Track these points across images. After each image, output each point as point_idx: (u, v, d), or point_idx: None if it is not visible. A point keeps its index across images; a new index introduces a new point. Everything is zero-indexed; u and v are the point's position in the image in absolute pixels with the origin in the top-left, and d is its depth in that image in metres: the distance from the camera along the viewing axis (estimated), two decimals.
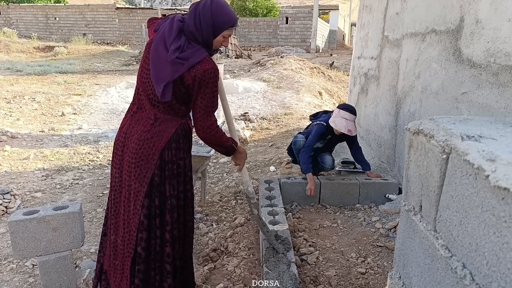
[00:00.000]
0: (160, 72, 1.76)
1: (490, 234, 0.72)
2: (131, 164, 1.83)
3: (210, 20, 1.78)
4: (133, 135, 1.84)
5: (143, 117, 1.86)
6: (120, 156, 1.90)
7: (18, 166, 4.85)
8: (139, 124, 1.85)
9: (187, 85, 1.78)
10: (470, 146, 0.82)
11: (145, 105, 1.86)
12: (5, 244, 3.04)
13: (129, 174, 1.85)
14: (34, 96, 8.41)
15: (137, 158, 1.82)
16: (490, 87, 2.25)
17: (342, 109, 3.45)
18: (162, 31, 1.81)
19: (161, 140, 1.83)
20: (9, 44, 17.88)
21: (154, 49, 1.79)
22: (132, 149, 1.83)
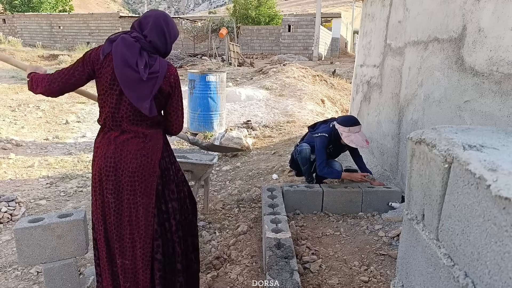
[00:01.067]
0: (139, 91, 1.85)
1: (492, 244, 0.73)
2: (135, 183, 1.92)
3: (172, 35, 1.99)
4: (125, 157, 1.91)
5: (130, 138, 1.92)
6: (113, 181, 1.92)
7: (23, 174, 4.88)
8: (129, 145, 1.91)
9: (167, 94, 1.95)
10: (472, 155, 0.84)
11: (127, 127, 1.92)
12: (10, 251, 3.05)
13: (133, 193, 1.93)
14: (38, 104, 8.47)
15: (139, 175, 1.92)
16: (493, 96, 2.26)
17: (350, 126, 3.41)
18: (119, 55, 1.84)
19: (157, 153, 1.97)
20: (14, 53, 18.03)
21: (121, 76, 1.83)
22: (131, 169, 1.91)
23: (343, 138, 3.42)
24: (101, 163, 1.93)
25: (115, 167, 1.91)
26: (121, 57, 1.83)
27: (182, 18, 27.40)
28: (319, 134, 3.51)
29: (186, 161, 3.22)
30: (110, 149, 1.92)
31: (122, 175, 1.92)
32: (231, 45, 18.24)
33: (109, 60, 1.86)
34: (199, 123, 6.74)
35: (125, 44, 1.85)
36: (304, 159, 3.62)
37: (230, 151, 2.39)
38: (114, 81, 1.86)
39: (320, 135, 3.50)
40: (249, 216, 3.43)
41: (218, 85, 6.69)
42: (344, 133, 3.41)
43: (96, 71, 1.89)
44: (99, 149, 1.97)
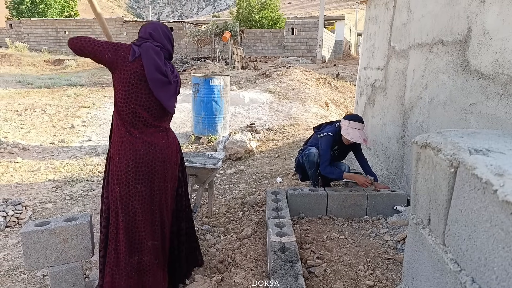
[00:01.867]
0: (167, 93, 2.17)
1: (499, 249, 0.72)
2: (165, 171, 2.24)
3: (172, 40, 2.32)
4: (154, 149, 2.17)
5: (155, 132, 2.19)
6: (144, 172, 2.16)
7: (29, 178, 4.91)
8: (157, 138, 2.19)
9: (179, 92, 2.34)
10: (478, 160, 0.83)
11: (152, 122, 2.17)
12: (16, 254, 3.07)
13: (164, 179, 2.24)
14: (44, 108, 8.52)
15: (168, 164, 2.25)
16: (499, 98, 2.24)
17: (351, 120, 3.44)
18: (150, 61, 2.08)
19: (176, 144, 2.36)
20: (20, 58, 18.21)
21: (154, 79, 2.08)
22: (161, 159, 2.20)
23: (342, 130, 3.43)
24: (130, 156, 2.12)
25: (145, 158, 2.14)
26: (154, 63, 2.08)
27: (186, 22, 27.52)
28: (324, 134, 3.52)
29: (190, 165, 3.23)
30: (139, 142, 2.13)
31: (154, 165, 2.18)
32: (234, 48, 18.27)
33: (137, 63, 2.06)
34: (203, 126, 6.76)
35: (155, 52, 2.12)
36: (312, 163, 3.61)
37: None
38: (141, 81, 2.07)
39: (326, 135, 3.51)
40: (254, 219, 3.42)
41: (222, 88, 6.70)
42: (344, 126, 3.44)
43: (119, 64, 2.04)
44: (124, 144, 2.13)
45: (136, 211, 2.15)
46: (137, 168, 2.13)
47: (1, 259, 3.03)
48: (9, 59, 18.00)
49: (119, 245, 2.15)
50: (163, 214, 2.26)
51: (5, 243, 3.27)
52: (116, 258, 2.15)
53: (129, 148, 2.11)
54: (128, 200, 2.14)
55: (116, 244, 2.15)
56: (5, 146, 5.83)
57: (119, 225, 2.14)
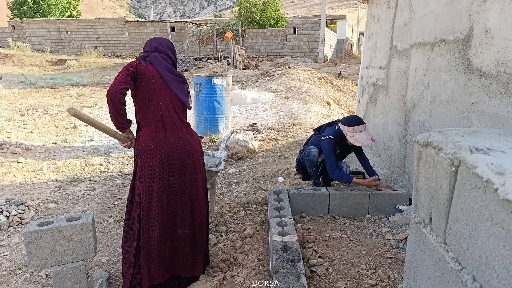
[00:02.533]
0: (182, 90, 2.46)
1: (500, 248, 0.73)
2: (195, 163, 2.42)
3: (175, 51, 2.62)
4: (183, 143, 2.37)
5: (182, 127, 2.41)
6: (177, 164, 2.35)
7: (32, 178, 4.92)
8: (183, 133, 2.40)
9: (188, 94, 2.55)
10: (479, 159, 0.83)
11: (174, 118, 2.39)
12: (19, 254, 3.08)
13: (194, 171, 2.41)
14: (47, 108, 8.55)
15: (195, 156, 2.43)
16: (501, 97, 2.24)
17: (354, 125, 3.42)
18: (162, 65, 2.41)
19: (197, 138, 2.53)
20: (23, 58, 18.26)
21: (169, 79, 2.41)
22: (190, 152, 2.40)
23: (348, 138, 3.41)
24: (163, 151, 2.31)
25: (177, 152, 2.34)
26: (165, 66, 2.41)
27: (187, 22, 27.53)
28: (326, 137, 3.50)
29: None
30: (170, 137, 2.34)
31: (185, 158, 2.36)
32: (236, 48, 18.28)
33: (150, 67, 2.36)
34: (205, 126, 6.76)
35: (163, 58, 2.44)
36: (312, 162, 3.61)
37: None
38: (159, 82, 2.35)
39: (327, 138, 3.49)
40: (256, 219, 3.43)
41: (223, 88, 6.71)
42: (349, 133, 3.41)
43: (139, 73, 2.32)
44: (156, 140, 2.32)
45: (169, 202, 2.34)
46: (170, 162, 2.32)
47: (4, 258, 3.04)
48: (11, 60, 18.06)
49: (153, 236, 2.31)
50: (194, 205, 2.43)
51: (8, 243, 3.29)
52: (149, 249, 2.31)
53: (162, 143, 2.31)
54: (162, 192, 2.31)
55: (149, 236, 2.31)
56: (8, 146, 5.85)
57: (151, 217, 2.30)
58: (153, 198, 2.30)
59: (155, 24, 27.21)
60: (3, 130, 6.69)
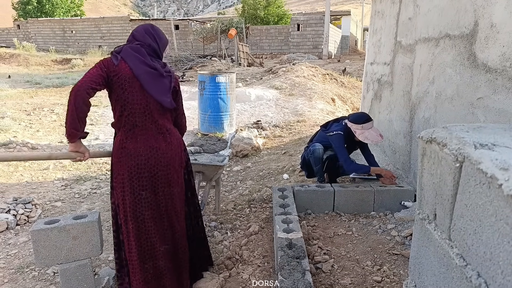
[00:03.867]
0: (160, 87, 2.10)
1: (504, 243, 0.72)
2: (168, 176, 2.17)
3: (163, 39, 2.25)
4: (156, 153, 2.12)
5: (156, 134, 2.13)
6: (147, 177, 2.11)
7: (39, 176, 4.96)
8: (159, 141, 2.13)
9: (176, 90, 2.24)
10: (483, 154, 0.83)
11: (151, 124, 2.12)
12: (27, 252, 3.11)
13: (168, 184, 2.17)
14: (53, 108, 8.59)
15: (172, 167, 2.17)
16: (506, 92, 2.22)
17: (362, 122, 3.43)
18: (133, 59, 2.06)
19: (180, 146, 2.25)
20: (28, 58, 18.36)
21: (142, 74, 2.05)
22: (164, 163, 2.14)
23: (357, 135, 3.42)
24: (131, 162, 2.09)
25: (147, 163, 2.10)
26: (136, 58, 2.06)
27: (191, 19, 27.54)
28: (335, 133, 3.50)
29: (197, 163, 3.24)
30: (139, 147, 2.09)
31: (157, 170, 2.12)
32: (240, 45, 18.26)
33: (123, 64, 2.06)
34: (210, 124, 6.77)
35: (133, 49, 2.09)
36: (317, 159, 3.61)
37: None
38: (132, 80, 2.04)
39: (336, 133, 3.49)
40: (260, 216, 3.44)
41: (228, 85, 6.71)
42: (357, 131, 3.41)
43: (110, 74, 2.05)
44: (125, 150, 2.10)
45: (144, 218, 2.14)
46: (140, 175, 2.09)
47: (12, 257, 3.07)
48: (17, 59, 18.17)
49: (132, 251, 2.16)
50: (172, 219, 2.21)
51: (15, 241, 3.32)
52: (132, 266, 2.19)
53: (131, 154, 2.08)
54: (135, 207, 2.12)
55: (129, 250, 2.17)
56: (15, 146, 5.89)
57: (130, 231, 2.15)
58: (127, 211, 2.13)
59: (159, 22, 27.24)
60: (9, 130, 6.75)
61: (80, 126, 2.00)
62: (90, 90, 1.97)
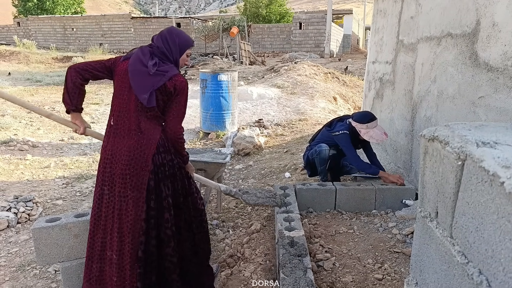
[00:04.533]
0: (142, 83, 2.04)
1: (506, 241, 0.73)
2: (126, 176, 2.02)
3: (177, 41, 2.17)
4: (119, 150, 2.04)
5: (126, 131, 2.07)
6: (109, 173, 2.06)
7: (40, 175, 4.97)
8: (124, 138, 2.06)
9: (169, 92, 2.08)
10: (485, 152, 0.83)
11: (125, 120, 2.08)
12: (28, 250, 3.12)
13: (124, 186, 2.02)
14: (53, 106, 8.61)
15: (131, 168, 2.02)
16: (508, 91, 2.22)
17: (367, 122, 3.43)
18: (134, 56, 2.11)
19: (150, 147, 2.05)
20: (29, 55, 18.36)
21: (132, 70, 2.06)
22: (123, 161, 2.02)
23: (362, 135, 3.42)
24: (102, 155, 2.11)
25: (111, 159, 2.06)
26: (136, 56, 2.09)
27: (193, 17, 27.52)
28: (341, 132, 3.51)
29: (199, 160, 3.25)
30: (109, 142, 2.10)
31: (116, 167, 2.04)
32: (242, 44, 18.25)
33: (126, 62, 2.12)
34: (211, 122, 6.77)
35: (141, 49, 2.15)
36: (323, 160, 3.61)
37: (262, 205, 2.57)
38: (125, 75, 2.08)
39: (342, 133, 3.50)
40: (262, 214, 3.44)
41: (229, 84, 6.71)
42: (362, 130, 3.42)
43: (113, 70, 2.16)
44: (103, 143, 2.16)
45: (101, 215, 2.08)
46: (104, 169, 2.08)
47: (13, 255, 3.08)
48: (17, 57, 18.17)
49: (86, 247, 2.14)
50: (122, 227, 2.03)
51: (16, 239, 3.33)
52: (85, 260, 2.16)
53: (104, 147, 2.13)
54: (96, 201, 2.10)
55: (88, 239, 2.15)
56: (15, 144, 5.91)
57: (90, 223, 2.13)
58: (93, 205, 2.12)
59: (160, 20, 27.24)
60: (10, 128, 6.76)
61: (70, 100, 2.17)
62: (82, 71, 2.12)
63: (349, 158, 3.49)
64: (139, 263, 2.02)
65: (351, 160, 3.48)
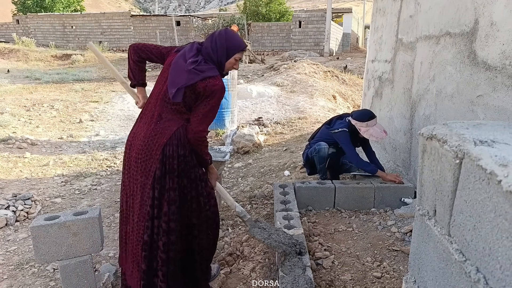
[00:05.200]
0: (176, 78, 2.07)
1: (503, 239, 0.73)
2: (138, 160, 2.09)
3: (224, 44, 2.13)
4: (139, 134, 2.12)
5: (149, 117, 2.14)
6: (128, 154, 2.17)
7: (38, 173, 4.97)
8: (146, 124, 2.13)
9: (198, 92, 2.05)
10: (483, 151, 0.83)
11: (153, 107, 2.15)
12: (27, 248, 3.12)
13: (136, 169, 2.11)
14: (52, 103, 8.60)
15: (143, 154, 2.07)
16: (506, 90, 2.23)
17: (367, 120, 3.44)
18: (183, 50, 2.16)
19: (164, 137, 2.06)
20: (28, 53, 18.32)
21: (175, 62, 2.12)
22: (138, 146, 2.09)
23: (362, 133, 3.43)
24: (128, 137, 2.22)
25: (131, 141, 2.16)
26: (183, 52, 2.15)
27: (193, 16, 27.49)
28: (340, 130, 3.51)
29: None
30: (134, 126, 2.21)
31: (132, 151, 2.13)
32: None
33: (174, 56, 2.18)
34: None
35: (191, 45, 2.19)
36: (322, 158, 3.61)
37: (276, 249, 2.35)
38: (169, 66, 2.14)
39: (342, 131, 3.50)
40: (262, 212, 3.44)
41: (229, 82, 6.71)
42: (362, 128, 3.43)
43: (168, 56, 2.24)
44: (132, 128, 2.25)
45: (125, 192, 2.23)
46: (125, 150, 2.22)
47: (12, 253, 3.08)
48: (16, 55, 18.13)
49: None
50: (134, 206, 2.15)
51: (15, 238, 3.33)
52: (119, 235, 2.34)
53: (131, 130, 2.24)
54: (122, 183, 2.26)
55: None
56: (14, 141, 5.90)
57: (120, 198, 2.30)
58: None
59: (160, 18, 27.19)
60: (9, 125, 6.75)
61: (133, 76, 2.34)
62: (139, 51, 2.27)
63: (349, 155, 3.50)
64: (144, 246, 2.09)
65: (351, 158, 3.50)
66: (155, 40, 21.29)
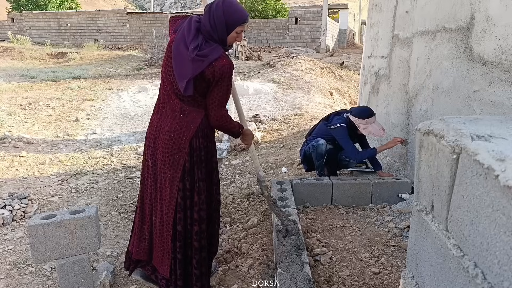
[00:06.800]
0: (182, 69, 1.99)
1: (501, 234, 0.73)
2: (165, 154, 2.09)
3: (223, 18, 1.96)
4: (163, 128, 2.09)
5: (171, 111, 2.09)
6: (152, 148, 2.15)
7: (35, 171, 4.95)
8: (168, 118, 2.09)
9: (208, 79, 1.99)
10: (480, 146, 0.83)
11: (171, 99, 2.09)
12: (23, 248, 3.11)
13: (163, 163, 2.11)
14: (48, 102, 8.55)
15: (170, 147, 2.07)
16: (502, 85, 2.23)
17: (366, 117, 3.44)
18: (181, 32, 2.02)
19: (190, 130, 2.07)
20: (23, 51, 18.20)
21: (175, 48, 2.01)
22: (164, 140, 2.08)
23: (361, 130, 3.43)
24: (148, 129, 2.20)
25: (155, 135, 2.13)
26: (181, 34, 2.01)
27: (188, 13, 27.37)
28: (338, 125, 3.51)
29: None
30: (155, 118, 2.16)
31: (158, 145, 2.11)
32: None
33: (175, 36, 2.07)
34: None
35: (189, 24, 2.02)
36: (320, 155, 3.60)
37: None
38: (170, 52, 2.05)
39: (340, 126, 3.50)
40: (259, 209, 3.44)
41: None
42: (361, 125, 3.43)
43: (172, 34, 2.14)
44: (151, 117, 2.23)
45: (147, 184, 2.23)
46: (148, 143, 2.18)
47: (8, 252, 3.07)
48: (11, 53, 18.00)
49: (136, 212, 2.36)
50: (162, 198, 2.14)
51: (12, 237, 3.32)
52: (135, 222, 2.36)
53: (150, 122, 2.20)
54: (143, 172, 2.26)
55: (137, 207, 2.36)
56: (10, 140, 5.87)
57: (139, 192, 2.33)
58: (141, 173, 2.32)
59: (156, 15, 27.07)
60: (4, 124, 6.72)
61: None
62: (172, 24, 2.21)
63: (347, 150, 3.50)
64: (179, 237, 2.13)
65: (349, 153, 3.49)
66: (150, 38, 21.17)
